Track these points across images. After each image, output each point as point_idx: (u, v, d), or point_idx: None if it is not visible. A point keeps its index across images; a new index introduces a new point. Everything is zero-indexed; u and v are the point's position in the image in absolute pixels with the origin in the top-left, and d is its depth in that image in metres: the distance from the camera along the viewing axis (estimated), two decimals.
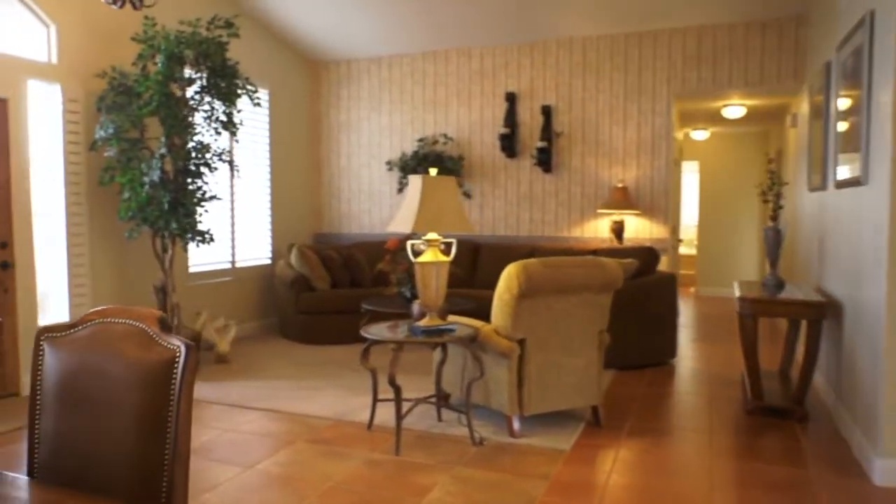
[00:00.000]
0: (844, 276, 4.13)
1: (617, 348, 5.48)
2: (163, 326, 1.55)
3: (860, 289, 3.65)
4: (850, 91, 4.01)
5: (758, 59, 6.35)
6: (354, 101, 7.90)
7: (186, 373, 1.49)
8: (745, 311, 4.30)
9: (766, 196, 4.89)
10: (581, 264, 3.79)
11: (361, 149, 7.91)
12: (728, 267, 10.49)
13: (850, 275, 3.92)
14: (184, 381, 1.49)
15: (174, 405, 1.48)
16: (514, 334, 3.69)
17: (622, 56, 6.79)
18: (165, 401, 1.49)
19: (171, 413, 1.48)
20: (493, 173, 7.32)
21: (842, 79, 4.27)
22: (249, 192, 6.93)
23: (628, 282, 5.64)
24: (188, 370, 1.49)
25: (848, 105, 4.09)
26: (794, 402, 4.32)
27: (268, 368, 5.41)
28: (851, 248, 3.86)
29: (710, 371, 5.59)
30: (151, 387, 1.49)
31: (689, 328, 7.78)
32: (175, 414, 1.48)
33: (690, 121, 8.95)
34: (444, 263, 3.61)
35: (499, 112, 7.24)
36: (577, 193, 7.01)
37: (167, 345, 1.52)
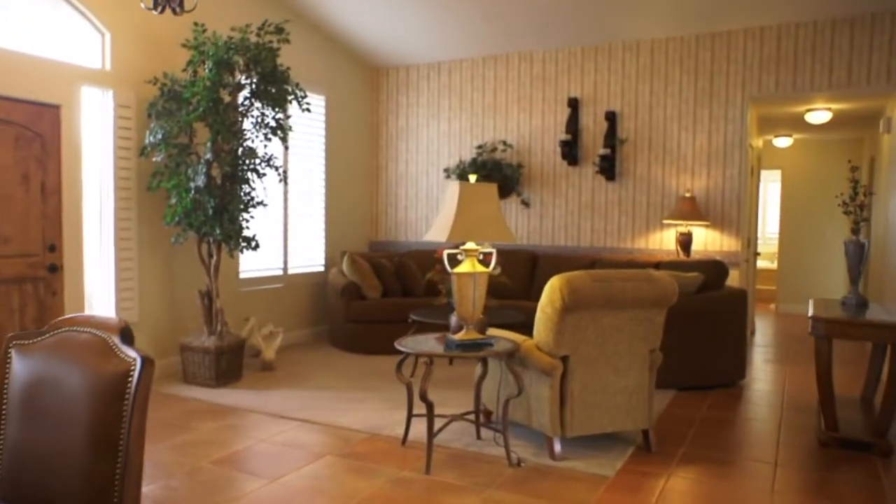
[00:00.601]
0: None
1: (678, 367, 5.15)
2: (124, 337, 1.44)
3: None
4: None
5: (845, 60, 5.86)
6: (413, 108, 7.83)
7: (140, 387, 1.38)
8: (819, 333, 3.92)
9: (848, 206, 4.47)
10: (630, 278, 3.52)
11: (420, 155, 7.82)
12: (812, 283, 9.82)
13: None
14: (137, 395, 1.38)
15: (126, 420, 1.36)
16: (556, 350, 3.47)
17: (692, 59, 6.43)
18: (118, 415, 1.38)
19: (124, 429, 1.37)
20: (553, 181, 7.07)
21: None
22: (304, 198, 6.94)
23: (693, 296, 5.30)
24: (142, 384, 1.38)
25: None
26: (875, 435, 3.90)
27: (312, 377, 5.35)
28: None
29: (783, 395, 5.16)
30: (104, 400, 1.39)
31: (765, 347, 7.28)
32: (127, 430, 1.36)
33: (771, 127, 8.43)
34: (483, 274, 3.42)
35: (560, 118, 6.99)
36: (642, 203, 6.68)
37: (124, 357, 1.41)
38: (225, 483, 3.24)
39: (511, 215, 7.27)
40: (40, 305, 4.42)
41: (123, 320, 1.51)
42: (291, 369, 5.60)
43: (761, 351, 7.10)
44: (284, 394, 4.81)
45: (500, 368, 3.84)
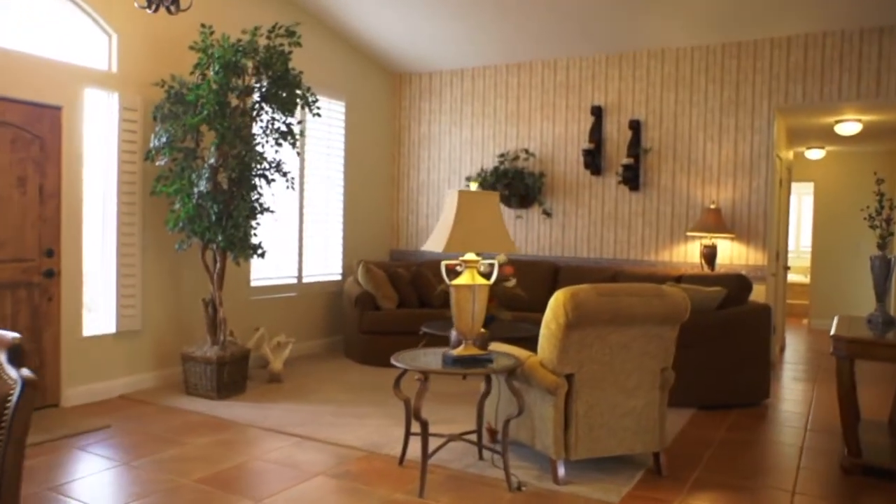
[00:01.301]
0: None
1: (698, 384, 4.98)
2: (11, 356, 1.35)
3: None
4: None
5: (873, 69, 5.65)
6: (435, 115, 7.76)
7: (18, 414, 1.26)
8: (840, 353, 3.73)
9: (874, 220, 4.27)
10: (639, 293, 3.39)
11: (442, 163, 7.75)
12: (845, 298, 9.48)
13: None
14: (14, 424, 1.26)
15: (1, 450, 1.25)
16: (560, 368, 3.35)
17: (718, 68, 6.25)
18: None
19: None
20: (576, 191, 6.94)
21: None
22: (321, 205, 6.91)
23: (714, 312, 5.12)
24: (21, 412, 1.26)
25: None
26: None
27: (319, 390, 5.28)
28: None
29: (808, 416, 4.95)
30: None
31: (795, 365, 7.03)
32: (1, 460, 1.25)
33: (802, 139, 8.17)
34: (482, 287, 3.32)
35: (584, 127, 6.86)
36: (667, 214, 6.51)
37: (6, 379, 1.32)
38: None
39: (533, 225, 7.16)
40: (34, 312, 4.39)
41: (17, 337, 1.41)
42: (300, 381, 5.54)
43: (791, 368, 6.85)
44: (287, 408, 4.74)
45: (504, 386, 3.73)
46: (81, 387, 4.69)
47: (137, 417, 4.41)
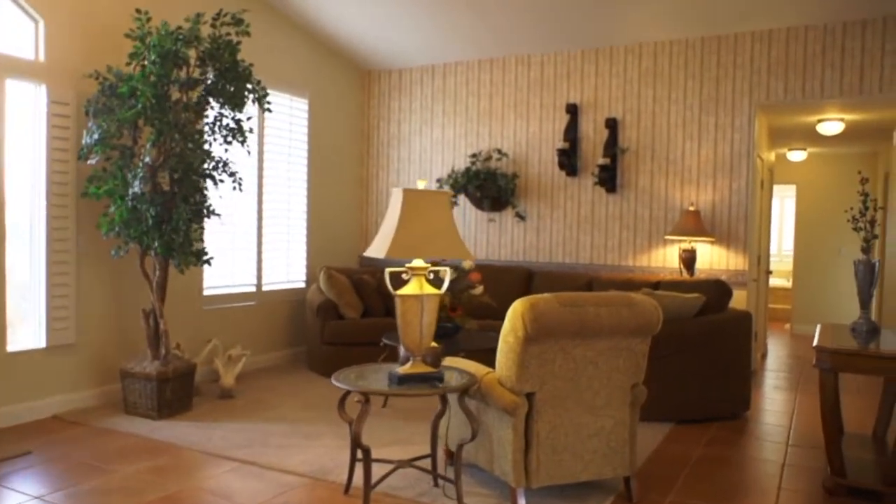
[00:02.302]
0: None
1: (675, 398, 4.70)
2: None
3: None
4: None
5: (856, 65, 5.41)
6: (406, 113, 7.45)
7: None
8: (823, 365, 3.45)
9: (858, 222, 4.01)
10: (606, 302, 3.09)
11: (412, 164, 7.44)
12: (828, 302, 9.28)
13: None
14: None
15: None
16: (520, 386, 3.04)
17: (697, 63, 5.99)
18: None
19: None
20: (550, 193, 6.65)
21: None
22: (283, 208, 6.57)
23: (692, 320, 4.85)
24: None
25: None
26: (886, 483, 3.42)
27: (273, 407, 4.92)
28: None
29: (790, 429, 4.67)
30: None
31: (776, 372, 6.78)
32: None
33: (784, 140, 7.94)
34: (432, 297, 3.01)
35: (559, 125, 6.57)
36: (645, 217, 6.23)
37: None
38: None
39: (506, 229, 6.86)
40: None
41: None
42: (254, 397, 5.19)
43: (772, 376, 6.59)
44: (234, 427, 4.37)
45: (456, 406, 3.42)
46: (5, 408, 4.28)
47: (65, 442, 4.03)
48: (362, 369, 3.28)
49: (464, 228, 7.06)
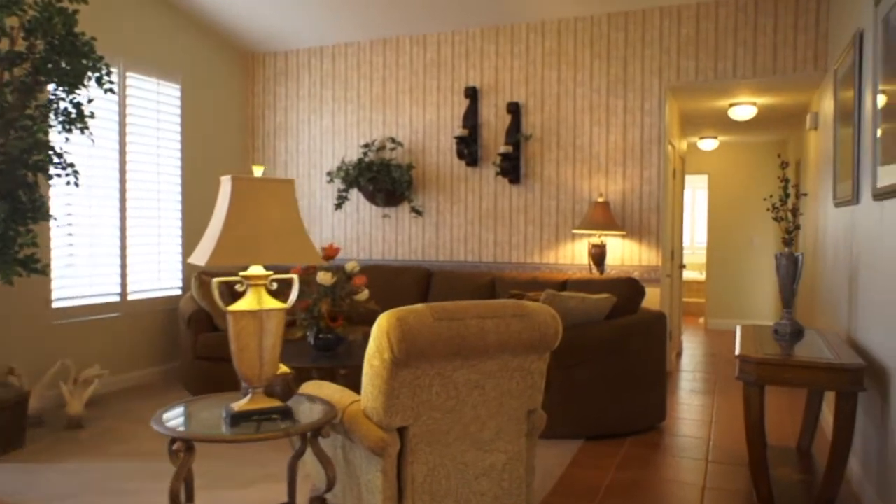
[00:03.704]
0: (892, 325, 2.81)
1: (585, 411, 4.20)
2: None
3: None
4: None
5: (769, 43, 5.07)
6: (293, 100, 6.71)
7: None
8: (748, 378, 2.99)
9: (779, 212, 3.59)
10: (492, 313, 2.50)
11: (301, 156, 6.71)
12: (742, 296, 9.11)
13: None
14: None
15: None
16: (389, 420, 2.42)
17: (604, 41, 5.53)
18: None
19: None
20: (450, 185, 6.06)
21: (885, 42, 2.98)
22: (152, 208, 5.71)
23: (602, 324, 4.36)
24: None
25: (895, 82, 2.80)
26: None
27: (126, 439, 4.12)
28: None
29: (710, 441, 4.25)
30: None
31: (691, 373, 6.43)
32: None
33: (695, 127, 7.65)
34: (275, 313, 2.34)
35: (458, 111, 6.00)
36: (551, 209, 5.73)
37: None
38: None
39: (403, 226, 6.23)
40: None
41: None
42: (107, 426, 4.37)
43: (688, 377, 6.23)
44: (70, 469, 3.56)
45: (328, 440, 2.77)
46: None
47: None
48: (201, 403, 2.58)
49: (357, 226, 6.39)
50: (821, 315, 4.97)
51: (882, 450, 2.98)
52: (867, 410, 3.18)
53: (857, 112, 3.63)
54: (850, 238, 3.81)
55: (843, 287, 3.98)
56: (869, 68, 3.35)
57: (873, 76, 3.17)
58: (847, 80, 3.91)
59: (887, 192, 2.87)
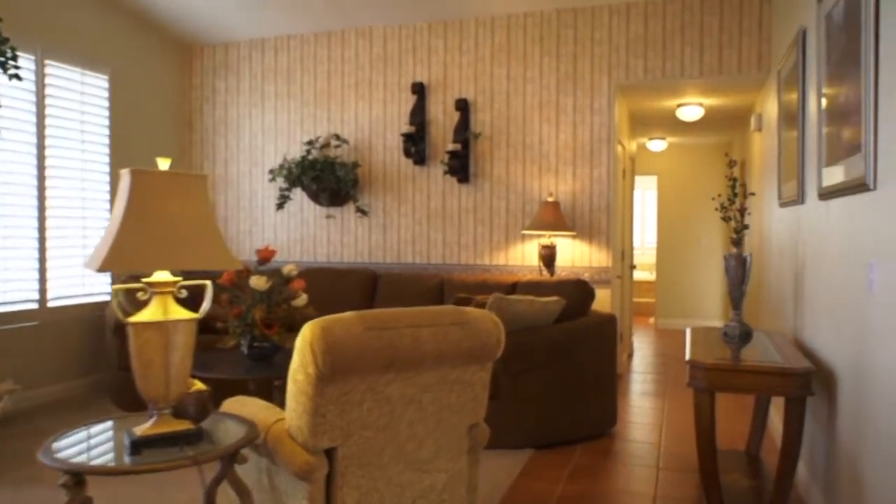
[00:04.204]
0: (838, 326, 2.72)
1: (534, 419, 4.05)
2: None
3: (870, 347, 2.24)
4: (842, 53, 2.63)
5: (715, 43, 5.02)
6: (233, 95, 6.41)
7: None
8: (698, 384, 2.87)
9: (728, 211, 3.49)
10: (429, 321, 2.32)
11: (241, 153, 6.41)
12: (691, 295, 9.15)
13: (850, 325, 2.50)
14: None
15: None
16: (315, 441, 2.20)
17: (553, 38, 5.40)
18: None
19: None
20: (397, 184, 5.86)
21: (828, 40, 2.90)
22: (76, 207, 5.35)
23: (551, 328, 4.21)
24: None
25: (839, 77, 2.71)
26: None
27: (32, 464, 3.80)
28: (849, 284, 2.46)
29: (661, 446, 4.15)
30: None
31: (642, 374, 6.37)
32: None
33: (644, 128, 7.61)
34: (184, 325, 2.11)
35: (405, 108, 5.80)
36: (501, 210, 5.58)
37: None
38: None
39: (348, 227, 6.00)
40: None
41: None
42: (15, 448, 4.01)
43: (639, 379, 6.17)
44: None
45: (253, 463, 2.54)
46: None
47: None
48: (105, 425, 2.33)
49: (300, 226, 6.14)
50: (767, 316, 4.93)
51: (829, 453, 2.90)
52: (814, 413, 3.11)
53: (801, 112, 3.56)
54: (796, 238, 3.75)
55: (789, 288, 3.92)
56: (812, 67, 3.28)
57: (817, 74, 3.10)
58: (790, 79, 3.85)
59: (832, 191, 2.78)
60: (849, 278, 2.55)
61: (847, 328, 2.58)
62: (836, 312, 2.77)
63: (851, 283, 2.52)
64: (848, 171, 2.51)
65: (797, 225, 3.70)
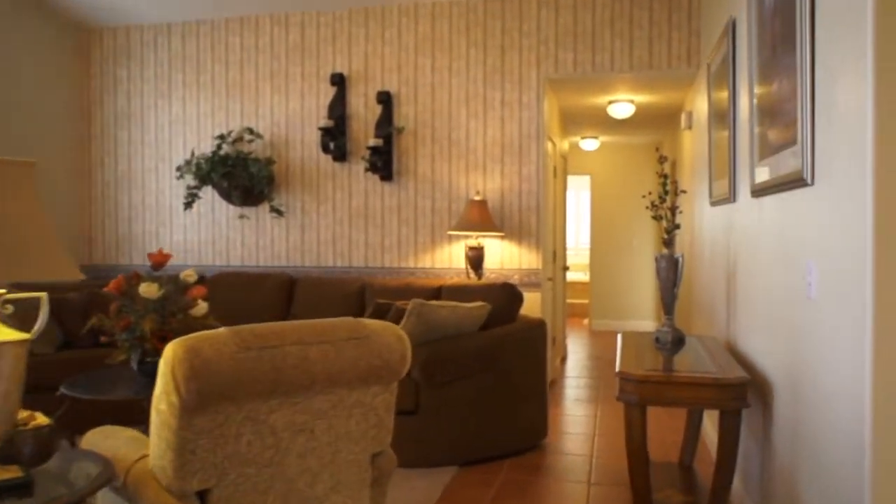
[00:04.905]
0: (774, 332, 2.52)
1: (457, 435, 3.76)
2: None
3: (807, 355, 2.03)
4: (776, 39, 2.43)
5: (645, 37, 4.85)
6: (136, 83, 5.91)
7: None
8: (630, 399, 2.63)
9: (659, 210, 3.29)
10: (320, 337, 1.99)
11: (147, 148, 5.91)
12: (624, 297, 9.06)
13: (786, 331, 2.30)
14: None
15: None
16: (182, 483, 1.84)
17: (480, 28, 5.14)
18: None
19: None
20: (316, 182, 5.49)
21: (760, 27, 2.70)
22: None
23: (477, 335, 3.94)
24: None
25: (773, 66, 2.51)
26: None
27: None
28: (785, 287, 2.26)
29: (593, 458, 3.92)
30: None
31: (575, 379, 6.18)
32: None
33: (576, 126, 7.45)
34: (8, 347, 1.72)
35: (324, 100, 5.43)
36: (426, 209, 5.28)
37: None
38: None
39: (264, 228, 5.59)
40: None
41: None
42: None
43: (572, 384, 5.97)
44: None
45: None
46: None
47: None
48: None
49: (212, 228, 5.70)
50: (699, 319, 4.79)
51: (764, 465, 2.72)
52: (749, 425, 2.92)
53: (732, 105, 3.39)
54: (728, 238, 3.58)
55: (722, 290, 3.75)
56: (743, 58, 3.09)
57: (748, 65, 2.90)
58: (721, 73, 3.69)
59: (766, 188, 2.58)
60: (785, 281, 2.35)
61: (783, 335, 2.38)
62: (771, 317, 2.58)
63: (788, 286, 2.31)
64: (782, 165, 2.31)
65: (729, 224, 3.53)
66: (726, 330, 3.57)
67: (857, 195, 1.67)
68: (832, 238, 1.86)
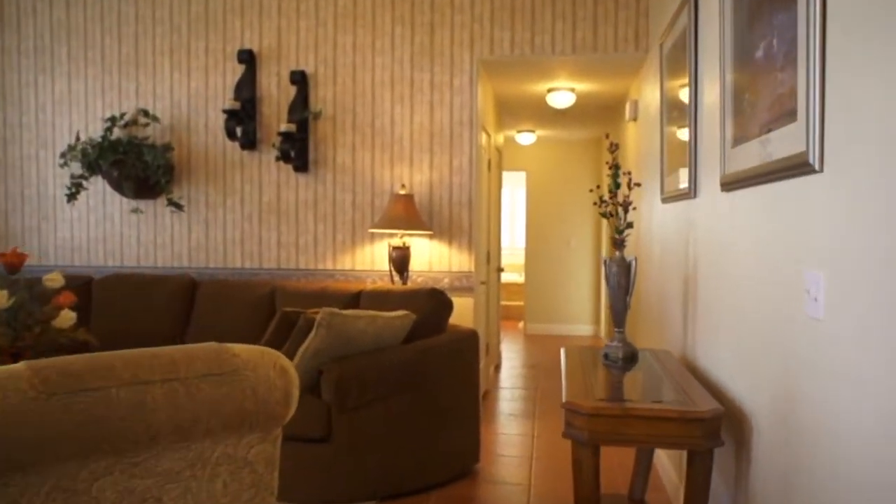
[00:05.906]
0: (753, 356, 2.10)
1: (377, 465, 3.23)
2: None
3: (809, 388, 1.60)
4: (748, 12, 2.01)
5: (589, 17, 4.44)
6: (13, 56, 5.13)
7: None
8: (579, 436, 2.16)
9: (608, 206, 2.85)
10: (166, 372, 1.42)
11: (25, 130, 5.14)
12: (560, 300, 8.71)
13: (774, 356, 1.88)
14: None
15: None
16: None
17: (407, 3, 4.62)
18: None
19: None
20: (222, 172, 4.86)
21: None
22: None
23: (399, 349, 3.42)
24: None
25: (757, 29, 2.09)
26: None
27: None
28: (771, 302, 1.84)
29: (531, 486, 3.46)
30: None
31: (510, 390, 5.74)
32: None
33: (513, 119, 7.03)
34: None
35: (231, 80, 4.81)
36: (346, 204, 4.73)
37: None
38: None
39: (162, 224, 4.93)
40: None
41: None
42: None
43: (506, 397, 5.52)
44: None
45: None
46: None
47: None
48: None
49: (103, 223, 4.99)
50: (645, 328, 4.42)
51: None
52: (717, 463, 2.50)
53: (694, 81, 2.98)
54: (686, 239, 3.18)
55: (676, 297, 3.36)
56: (711, 26, 2.69)
57: (720, 30, 2.48)
58: (677, 49, 3.29)
59: (745, 178, 2.16)
60: (773, 293, 1.92)
61: (769, 358, 1.96)
62: (749, 338, 2.16)
63: (777, 300, 1.89)
64: (772, 149, 1.88)
65: (687, 223, 3.13)
66: (682, 343, 3.17)
67: (887, 184, 1.24)
68: (849, 241, 1.43)
